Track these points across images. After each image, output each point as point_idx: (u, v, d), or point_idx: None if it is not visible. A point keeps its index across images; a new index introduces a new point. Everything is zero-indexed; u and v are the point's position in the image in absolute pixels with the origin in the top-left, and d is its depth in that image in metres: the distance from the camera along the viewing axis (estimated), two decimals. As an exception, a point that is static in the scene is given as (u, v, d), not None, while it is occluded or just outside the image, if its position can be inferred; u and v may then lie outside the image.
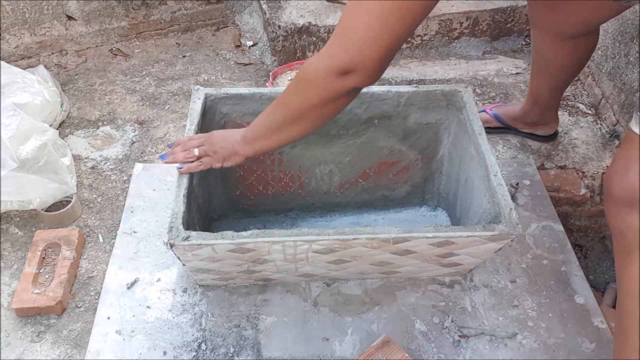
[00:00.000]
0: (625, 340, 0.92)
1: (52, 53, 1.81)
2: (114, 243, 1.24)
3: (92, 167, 1.44)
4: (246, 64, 1.83)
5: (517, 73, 1.79)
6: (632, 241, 0.89)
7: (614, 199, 0.92)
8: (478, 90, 1.72)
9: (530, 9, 1.28)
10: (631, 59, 1.50)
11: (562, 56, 1.29)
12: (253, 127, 0.96)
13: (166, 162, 1.03)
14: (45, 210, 1.28)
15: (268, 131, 0.95)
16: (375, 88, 1.18)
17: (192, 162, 1.02)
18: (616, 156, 0.95)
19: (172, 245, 0.93)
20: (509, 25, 1.86)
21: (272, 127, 0.94)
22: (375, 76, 0.82)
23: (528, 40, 1.90)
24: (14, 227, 1.29)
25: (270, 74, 1.65)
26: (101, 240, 1.27)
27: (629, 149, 0.90)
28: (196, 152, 1.01)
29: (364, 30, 0.77)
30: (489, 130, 1.51)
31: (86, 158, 1.46)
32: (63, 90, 1.63)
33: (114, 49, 1.86)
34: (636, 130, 0.88)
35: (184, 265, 1.03)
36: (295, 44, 1.77)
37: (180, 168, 1.01)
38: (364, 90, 1.17)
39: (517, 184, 1.38)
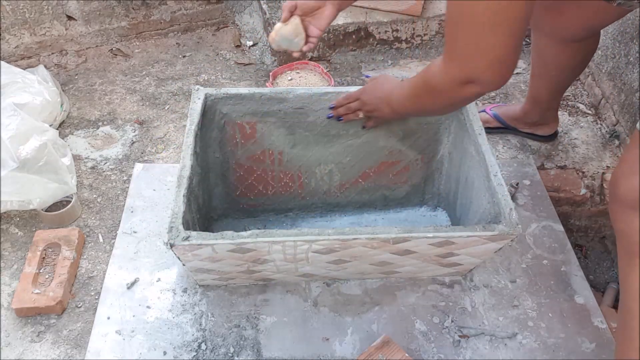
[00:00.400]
0: (629, 342, 0.92)
1: (52, 53, 1.81)
2: (114, 243, 1.24)
3: (92, 167, 1.44)
4: (246, 64, 1.83)
5: (517, 73, 1.79)
6: (636, 243, 0.89)
7: (619, 201, 0.92)
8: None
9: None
10: (631, 59, 1.50)
11: (562, 59, 1.29)
12: (398, 103, 1.05)
13: (340, 121, 1.19)
14: (45, 210, 1.28)
15: (408, 112, 1.08)
16: (375, 88, 1.18)
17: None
18: (622, 158, 0.95)
19: (172, 245, 0.93)
20: (509, 25, 1.86)
21: (410, 110, 1.06)
22: (498, 82, 0.83)
23: (528, 40, 1.89)
24: (14, 227, 1.29)
25: (270, 74, 1.65)
26: (101, 240, 1.27)
27: (635, 151, 0.90)
28: (361, 115, 1.16)
29: (475, 43, 0.78)
30: (489, 130, 1.51)
31: (86, 158, 1.46)
32: (63, 90, 1.63)
33: (114, 49, 1.86)
34: None
35: (184, 265, 1.03)
36: (295, 44, 1.77)
37: (330, 117, 1.19)
38: (364, 90, 1.18)
39: (517, 184, 1.38)
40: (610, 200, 0.95)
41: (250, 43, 1.91)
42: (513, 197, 1.36)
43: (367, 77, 1.14)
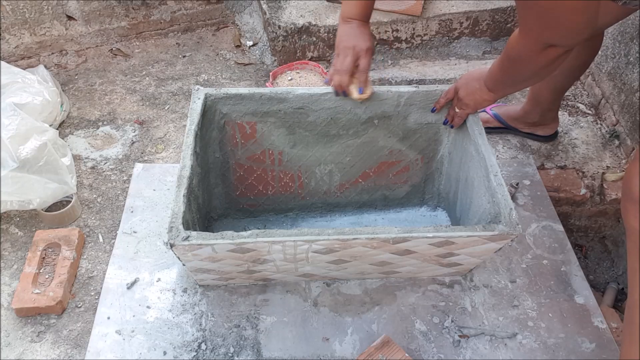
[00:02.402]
0: (635, 340, 0.92)
1: (52, 53, 1.81)
2: (114, 243, 1.24)
3: (92, 167, 1.44)
4: (246, 64, 1.83)
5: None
6: None
7: (632, 199, 0.92)
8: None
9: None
10: (631, 59, 1.50)
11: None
12: (492, 79, 1.07)
13: (446, 124, 1.21)
14: (45, 210, 1.28)
15: (503, 86, 1.08)
16: (375, 88, 1.18)
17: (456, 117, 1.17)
18: (636, 156, 0.95)
19: (172, 245, 0.93)
20: (509, 25, 1.86)
21: (505, 83, 1.07)
22: (575, 43, 0.89)
23: (528, 40, 1.89)
24: (14, 227, 1.29)
25: (270, 74, 1.65)
26: (101, 240, 1.27)
27: None
28: (457, 108, 1.15)
29: (538, 15, 0.83)
30: (489, 130, 1.51)
31: (86, 158, 1.46)
32: (63, 90, 1.63)
33: (114, 49, 1.86)
34: None
35: (184, 265, 1.03)
36: (295, 44, 1.77)
37: (445, 122, 1.20)
38: (365, 90, 1.18)
39: (517, 184, 1.38)
40: (623, 197, 0.96)
41: (250, 43, 1.91)
42: (513, 197, 1.36)
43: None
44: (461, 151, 1.19)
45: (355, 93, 1.14)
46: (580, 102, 1.69)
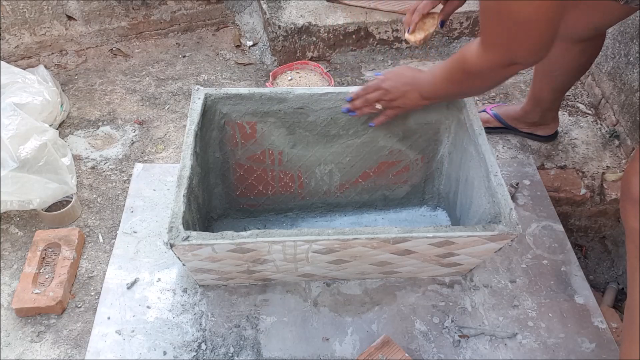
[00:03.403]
0: (635, 340, 0.92)
1: (52, 53, 1.81)
2: (114, 243, 1.24)
3: (92, 167, 1.44)
4: (246, 64, 1.83)
5: (517, 73, 1.79)
6: None
7: (631, 199, 0.93)
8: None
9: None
10: (631, 59, 1.50)
11: (567, 59, 1.29)
12: (430, 89, 1.06)
13: (353, 116, 1.17)
14: (45, 210, 1.28)
15: (442, 97, 1.10)
16: (375, 88, 1.18)
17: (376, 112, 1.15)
18: (635, 156, 0.95)
19: (172, 245, 0.93)
20: (509, 25, 1.86)
21: (446, 95, 1.09)
22: (538, 60, 0.89)
23: (528, 40, 1.89)
24: (14, 227, 1.29)
25: (270, 74, 1.65)
26: (101, 240, 1.27)
27: None
28: (379, 106, 1.13)
29: (504, 33, 0.83)
30: (489, 130, 1.51)
31: (86, 158, 1.46)
32: (63, 90, 1.63)
33: (114, 49, 1.86)
34: None
35: (184, 265, 1.03)
36: (295, 44, 1.77)
37: (372, 125, 1.18)
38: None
39: (517, 184, 1.38)
40: (622, 197, 0.96)
41: (250, 43, 1.91)
42: (513, 197, 1.36)
43: (377, 75, 1.14)
44: (461, 151, 1.19)
45: (412, 35, 1.15)
46: (580, 102, 1.69)
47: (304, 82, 1.65)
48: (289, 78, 1.67)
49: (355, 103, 1.15)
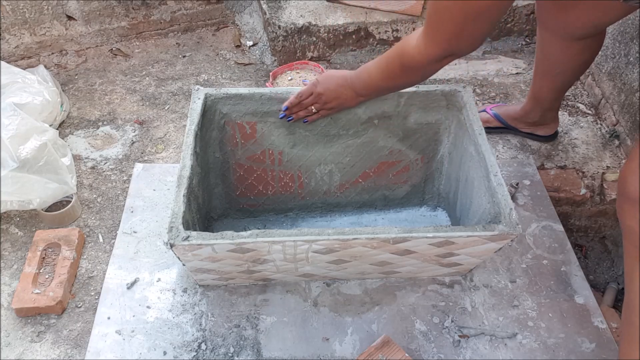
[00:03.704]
0: (633, 341, 0.92)
1: (52, 53, 1.81)
2: (114, 243, 1.24)
3: (92, 167, 1.44)
4: (246, 64, 1.83)
5: (517, 73, 1.79)
6: None
7: (628, 198, 0.93)
8: (478, 90, 1.72)
9: (539, 10, 1.28)
10: (631, 59, 1.50)
11: (567, 58, 1.29)
12: (364, 86, 1.10)
13: (289, 121, 1.20)
14: (45, 210, 1.28)
15: (377, 92, 1.13)
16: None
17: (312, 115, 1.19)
18: (631, 155, 0.95)
19: (172, 245, 0.93)
20: (509, 25, 1.86)
21: (381, 90, 1.12)
22: (471, 51, 0.94)
23: (528, 40, 1.90)
24: (14, 227, 1.29)
25: (270, 74, 1.65)
26: (101, 240, 1.27)
27: None
28: (314, 109, 1.16)
29: (453, 28, 0.87)
30: (489, 130, 1.51)
31: (86, 158, 1.46)
32: (63, 90, 1.63)
33: (114, 49, 1.86)
34: None
35: (184, 265, 1.03)
36: (295, 44, 1.77)
37: (306, 122, 1.20)
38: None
39: (517, 184, 1.38)
40: (619, 197, 0.96)
41: (250, 43, 1.91)
42: (513, 197, 1.36)
43: (305, 82, 1.17)
44: (461, 151, 1.19)
45: None
46: (580, 102, 1.69)
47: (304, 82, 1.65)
48: (289, 78, 1.67)
49: (292, 110, 1.18)
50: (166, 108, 1.63)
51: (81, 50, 1.84)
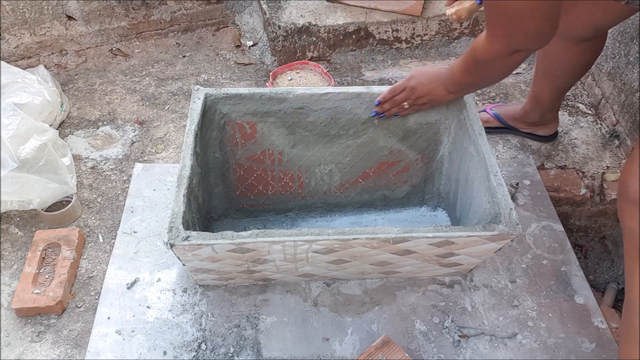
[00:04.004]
0: (633, 341, 0.92)
1: (52, 53, 1.81)
2: (114, 243, 1.24)
3: (92, 167, 1.44)
4: (246, 64, 1.83)
5: (517, 73, 1.79)
6: None
7: (629, 199, 0.93)
8: (478, 91, 1.72)
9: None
10: (631, 59, 1.50)
11: (568, 59, 1.29)
12: (451, 81, 1.11)
13: (381, 117, 1.20)
14: (45, 210, 1.28)
15: (463, 87, 1.13)
16: (375, 88, 1.18)
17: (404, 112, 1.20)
18: (631, 157, 0.96)
19: (172, 245, 0.93)
20: (509, 25, 1.86)
21: (466, 85, 1.12)
22: (541, 46, 0.96)
23: (528, 40, 1.89)
24: (14, 227, 1.29)
25: (270, 74, 1.65)
26: (101, 240, 1.27)
27: None
28: (406, 105, 1.17)
29: (507, 23, 0.90)
30: (489, 130, 1.51)
31: (86, 158, 1.46)
32: (63, 90, 1.63)
33: (114, 49, 1.86)
34: None
35: (184, 265, 1.03)
36: (295, 44, 1.77)
37: (375, 115, 1.20)
38: (364, 90, 1.18)
39: (517, 184, 1.38)
40: (619, 197, 0.96)
41: (250, 43, 1.91)
42: (513, 197, 1.36)
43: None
44: (461, 151, 1.19)
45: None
46: (580, 102, 1.69)
47: (304, 82, 1.65)
48: (289, 78, 1.67)
49: (383, 106, 1.18)
50: (166, 108, 1.63)
51: (81, 50, 1.84)
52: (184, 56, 1.85)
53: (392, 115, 1.19)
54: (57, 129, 1.49)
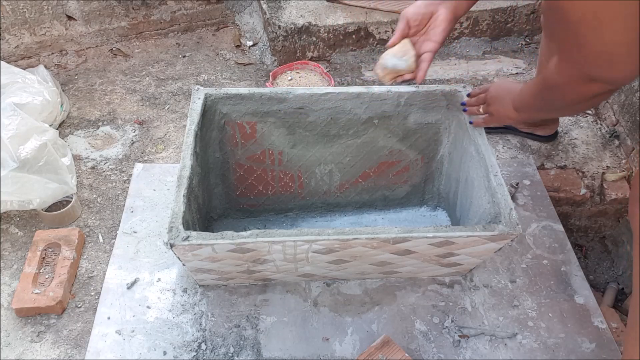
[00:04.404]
0: (636, 343, 0.92)
1: (52, 53, 1.81)
2: (114, 243, 1.24)
3: (92, 167, 1.44)
4: (246, 64, 1.83)
5: (517, 73, 1.79)
6: None
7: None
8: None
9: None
10: (631, 59, 1.49)
11: None
12: (519, 99, 1.02)
13: (465, 112, 1.16)
14: (45, 210, 1.28)
15: (528, 109, 1.02)
16: (375, 88, 1.18)
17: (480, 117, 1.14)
18: None
19: (172, 245, 0.93)
20: (509, 25, 1.86)
21: (532, 108, 1.01)
22: (621, 78, 0.77)
23: (528, 40, 1.90)
24: (14, 227, 1.29)
25: (270, 74, 1.65)
26: (101, 240, 1.27)
27: None
28: (481, 109, 1.12)
29: (586, 43, 0.73)
30: (489, 130, 1.51)
31: (86, 158, 1.46)
32: (63, 90, 1.63)
33: (114, 49, 1.86)
34: None
35: (184, 265, 1.03)
36: (295, 44, 1.77)
37: (471, 123, 1.14)
38: (364, 90, 1.18)
39: (517, 184, 1.38)
40: (631, 200, 0.96)
41: (250, 43, 1.91)
42: (513, 197, 1.36)
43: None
44: (461, 151, 1.19)
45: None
46: (580, 102, 1.69)
47: (304, 82, 1.65)
48: (289, 78, 1.67)
49: (470, 100, 1.15)
50: (166, 108, 1.63)
51: (81, 50, 1.84)
52: (184, 56, 1.85)
53: (472, 116, 1.14)
54: (57, 129, 1.49)
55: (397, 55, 1.00)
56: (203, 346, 1.07)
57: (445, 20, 0.99)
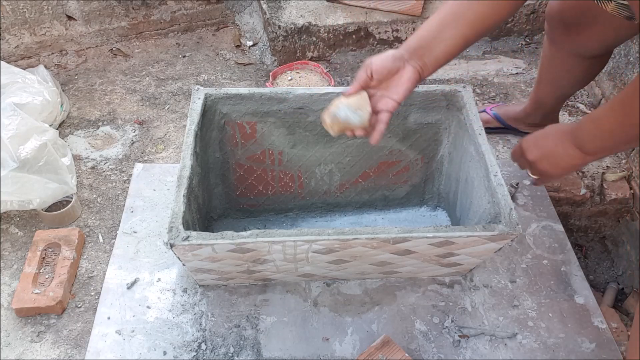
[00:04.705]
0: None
1: (52, 53, 1.81)
2: (114, 243, 1.24)
3: (92, 167, 1.44)
4: (246, 64, 1.83)
5: (517, 73, 1.79)
6: None
7: None
8: (478, 90, 1.72)
9: (549, 27, 1.26)
10: (631, 59, 1.49)
11: (574, 73, 1.29)
12: (591, 137, 0.89)
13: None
14: (45, 210, 1.28)
15: (611, 143, 0.88)
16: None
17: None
18: None
19: (172, 245, 0.93)
20: (509, 25, 1.86)
21: (618, 140, 0.87)
22: None
23: (528, 40, 1.90)
24: (14, 227, 1.29)
25: (270, 74, 1.65)
26: (101, 240, 1.27)
27: None
28: (530, 174, 1.05)
29: None
30: (489, 130, 1.50)
31: (86, 158, 1.46)
32: (63, 90, 1.63)
33: (114, 49, 1.86)
34: None
35: (184, 265, 1.03)
36: (295, 44, 1.77)
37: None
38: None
39: (517, 184, 1.38)
40: None
41: (250, 43, 1.91)
42: (513, 197, 1.36)
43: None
44: (461, 151, 1.19)
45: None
46: (580, 102, 1.69)
47: (304, 82, 1.65)
48: (289, 78, 1.67)
49: (520, 167, 1.10)
50: (166, 108, 1.63)
51: (81, 50, 1.84)
52: (184, 56, 1.85)
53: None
54: (57, 129, 1.49)
55: (351, 107, 0.92)
56: (203, 346, 1.07)
57: (409, 80, 0.93)
